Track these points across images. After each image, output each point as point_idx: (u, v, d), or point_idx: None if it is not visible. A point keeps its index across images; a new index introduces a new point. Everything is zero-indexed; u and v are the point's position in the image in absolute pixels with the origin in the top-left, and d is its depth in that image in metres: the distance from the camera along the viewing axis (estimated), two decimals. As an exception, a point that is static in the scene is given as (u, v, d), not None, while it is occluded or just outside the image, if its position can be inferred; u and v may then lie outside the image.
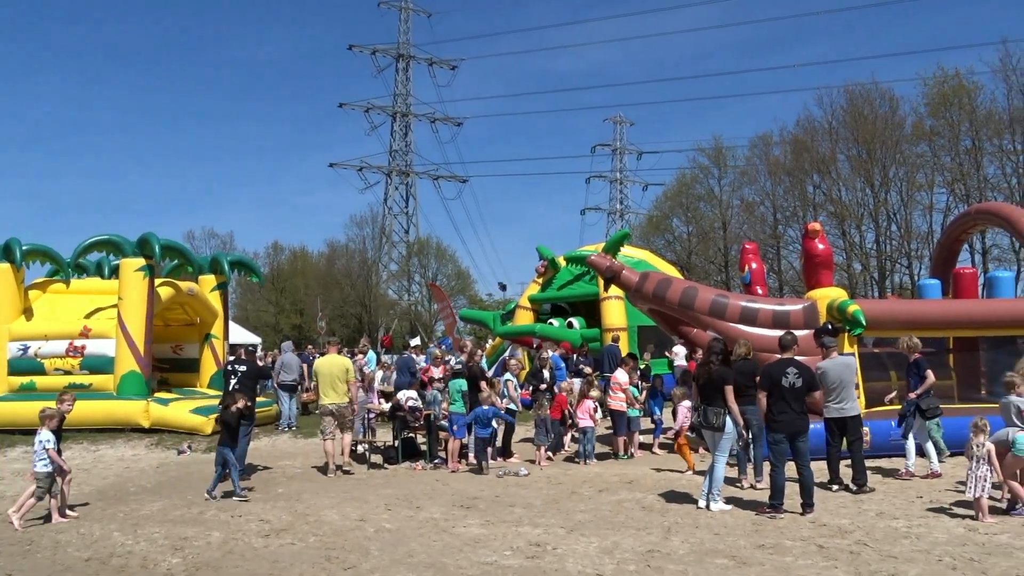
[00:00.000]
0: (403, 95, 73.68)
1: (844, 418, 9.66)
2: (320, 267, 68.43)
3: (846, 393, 9.64)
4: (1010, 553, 6.69)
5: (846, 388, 9.64)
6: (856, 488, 9.40)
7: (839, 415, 9.66)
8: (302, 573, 6.51)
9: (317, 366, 11.84)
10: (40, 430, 8.53)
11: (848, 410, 9.65)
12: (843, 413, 9.63)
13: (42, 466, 8.38)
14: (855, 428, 9.72)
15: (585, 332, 19.68)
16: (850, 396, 9.68)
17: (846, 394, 9.64)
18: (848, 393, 9.66)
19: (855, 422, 9.73)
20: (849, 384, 9.68)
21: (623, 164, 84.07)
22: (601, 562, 6.61)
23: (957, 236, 16.93)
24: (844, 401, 9.64)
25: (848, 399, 9.66)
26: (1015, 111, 39.91)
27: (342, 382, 11.36)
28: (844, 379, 9.64)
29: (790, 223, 48.63)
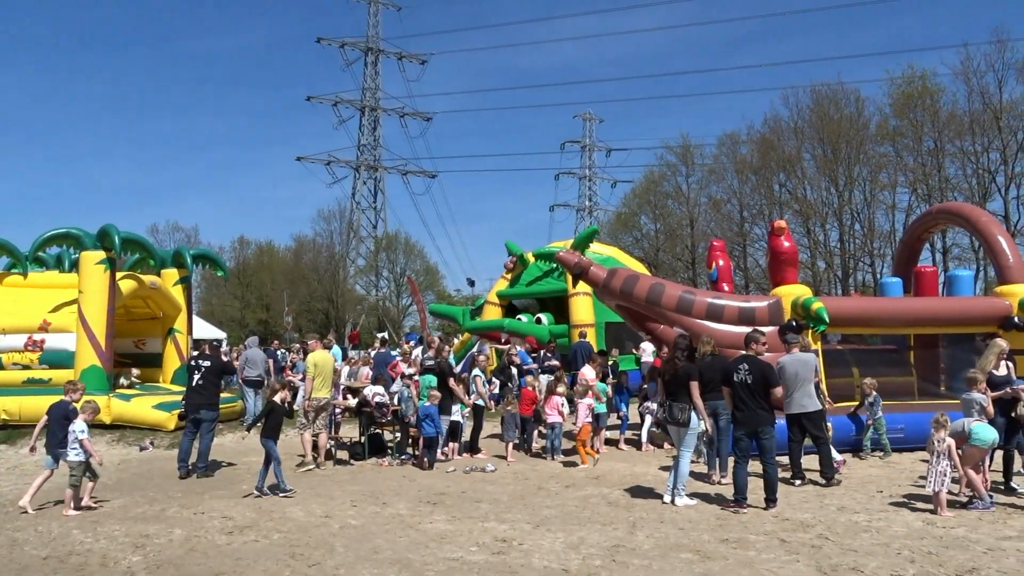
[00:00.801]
0: (372, 89, 73.25)
1: (804, 414, 9.74)
2: (287, 262, 67.77)
3: (804, 389, 9.73)
4: (967, 546, 6.82)
5: (805, 384, 9.73)
6: (825, 482, 9.52)
7: (799, 411, 9.75)
8: (266, 570, 6.44)
9: (318, 359, 11.69)
10: (75, 420, 8.80)
11: (807, 406, 9.74)
12: (802, 409, 9.72)
13: (74, 455, 8.64)
14: (816, 424, 9.82)
15: (554, 328, 19.73)
16: (808, 392, 9.76)
17: (804, 390, 9.73)
18: (807, 389, 9.75)
19: (816, 418, 9.83)
20: (808, 380, 9.76)
21: (592, 161, 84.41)
22: (567, 557, 6.63)
23: (918, 235, 17.21)
24: (803, 397, 9.73)
25: (807, 395, 9.75)
26: (975, 113, 40.66)
27: (331, 376, 11.74)
28: (802, 375, 9.73)
29: (756, 221, 49.12)
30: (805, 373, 9.77)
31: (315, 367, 11.61)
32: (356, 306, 64.84)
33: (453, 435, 12.21)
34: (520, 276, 21.28)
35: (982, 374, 8.97)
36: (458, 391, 12.03)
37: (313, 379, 11.56)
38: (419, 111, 74.30)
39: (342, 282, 64.65)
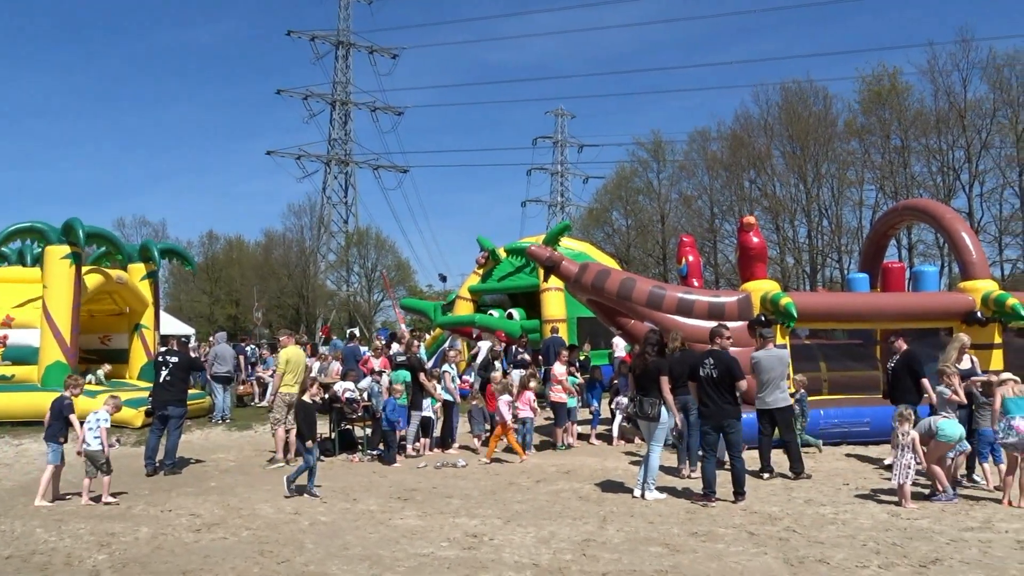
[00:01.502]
0: (343, 83, 72.66)
1: (776, 409, 9.86)
2: (257, 257, 67.12)
3: (776, 384, 9.84)
4: (930, 537, 6.93)
5: (776, 380, 9.85)
6: (794, 475, 9.63)
7: (770, 406, 9.86)
8: (234, 567, 6.38)
9: (290, 355, 11.54)
10: (98, 409, 9.03)
11: (778, 401, 9.86)
12: (774, 404, 9.84)
13: (96, 444, 8.80)
14: (785, 418, 9.93)
15: (525, 323, 19.73)
16: (781, 387, 9.89)
17: (776, 385, 9.84)
18: (779, 384, 9.87)
19: (785, 412, 9.94)
20: (781, 376, 9.89)
21: (564, 157, 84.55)
22: (538, 552, 6.64)
23: (885, 231, 17.44)
24: (775, 392, 9.84)
25: (779, 390, 9.87)
26: (941, 112, 41.30)
27: (302, 373, 11.57)
28: (776, 370, 9.85)
29: (727, 217, 49.50)
30: (780, 369, 9.89)
31: (287, 363, 11.45)
32: (327, 302, 64.43)
33: (425, 430, 12.18)
34: (492, 271, 21.26)
35: (951, 367, 9.12)
36: (429, 386, 12.00)
37: (283, 375, 11.40)
38: (390, 105, 73.88)
39: (313, 277, 64.18)
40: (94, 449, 8.81)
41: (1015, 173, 40.22)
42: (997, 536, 6.97)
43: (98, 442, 8.81)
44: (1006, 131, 39.99)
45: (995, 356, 12.25)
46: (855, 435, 11.83)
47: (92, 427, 8.85)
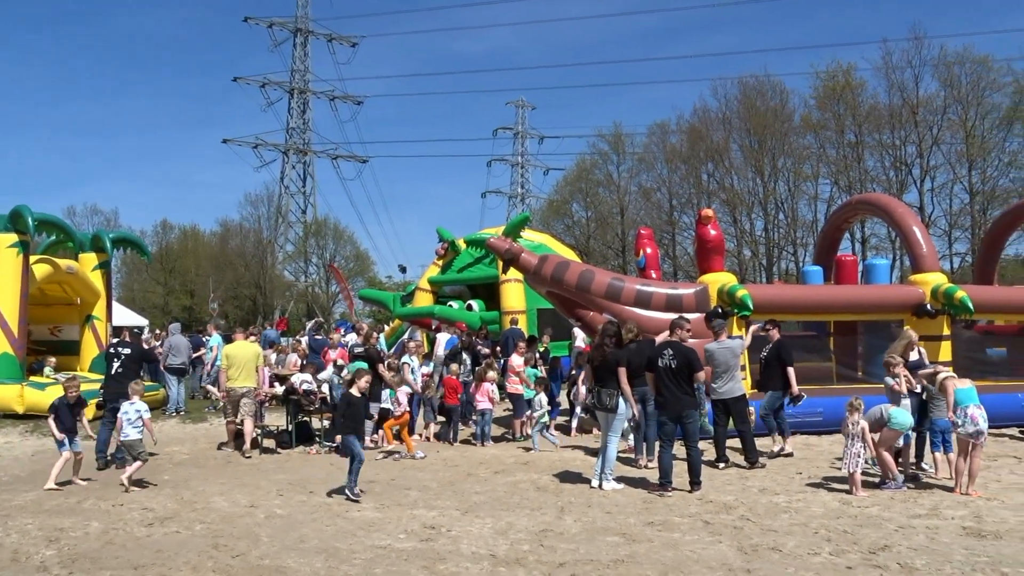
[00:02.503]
0: (301, 71, 71.75)
1: (730, 399, 9.98)
2: (212, 247, 66.09)
3: (730, 375, 9.98)
4: (879, 524, 7.09)
5: (731, 370, 9.98)
6: (749, 465, 9.77)
7: (724, 397, 9.99)
8: (187, 562, 6.29)
9: (231, 351, 11.78)
10: (134, 399, 9.37)
11: (732, 392, 9.98)
12: (728, 395, 9.97)
13: (136, 433, 9.15)
14: (740, 409, 10.07)
15: (484, 315, 19.72)
16: (734, 378, 10.02)
17: (730, 376, 9.98)
18: (733, 375, 10.00)
19: (740, 403, 10.08)
20: (734, 367, 10.02)
21: (524, 148, 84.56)
22: (495, 543, 6.65)
23: (838, 225, 17.77)
24: (729, 383, 9.97)
25: (732, 380, 10.00)
26: (894, 107, 42.10)
27: (253, 367, 11.63)
28: (729, 362, 9.98)
29: (685, 210, 49.98)
30: (732, 360, 10.01)
31: (227, 359, 11.66)
32: (285, 292, 63.71)
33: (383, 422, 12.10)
34: (451, 263, 21.20)
35: (895, 358, 9.31)
36: (388, 377, 11.94)
37: (227, 369, 11.56)
38: (350, 94, 73.17)
39: (270, 268, 63.43)
40: (133, 439, 9.16)
41: (965, 169, 41.20)
42: (944, 523, 7.15)
43: (137, 431, 9.17)
44: (956, 127, 40.92)
45: (943, 348, 12.55)
46: (808, 425, 12.03)
47: (132, 418, 9.20)
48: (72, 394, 9.55)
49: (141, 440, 9.24)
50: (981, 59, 40.64)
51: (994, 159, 41.01)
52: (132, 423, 9.22)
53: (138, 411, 9.30)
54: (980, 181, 40.98)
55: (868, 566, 5.91)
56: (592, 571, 5.87)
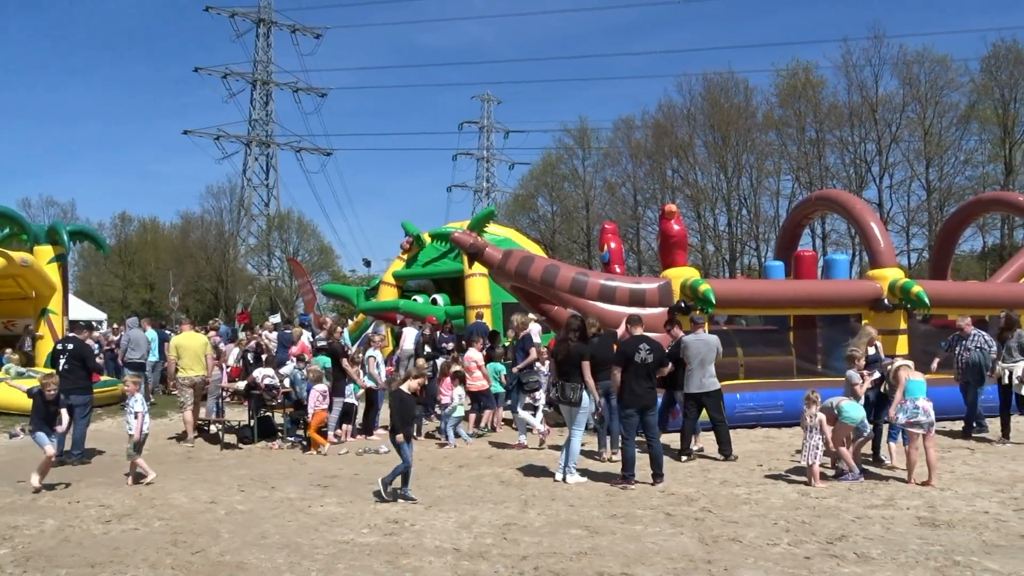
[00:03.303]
0: (264, 62, 70.88)
1: (704, 393, 10.08)
2: (173, 239, 65.10)
3: (706, 369, 10.06)
4: (837, 515, 7.21)
5: (706, 364, 10.06)
6: (723, 457, 9.88)
7: (699, 390, 10.07)
8: (145, 559, 6.20)
9: (178, 342, 12.02)
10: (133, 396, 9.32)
11: (706, 385, 10.07)
12: (702, 388, 10.05)
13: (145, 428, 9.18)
14: (715, 403, 10.17)
15: (449, 309, 19.68)
16: (710, 372, 10.11)
17: (706, 370, 10.06)
18: (708, 369, 10.09)
19: (715, 397, 10.17)
20: (709, 360, 10.10)
21: (490, 142, 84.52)
22: (459, 536, 6.65)
23: (799, 221, 18.01)
24: (704, 377, 10.06)
25: (708, 375, 10.08)
26: (854, 105, 42.75)
27: (202, 355, 11.83)
28: (704, 356, 10.06)
29: (650, 205, 50.31)
30: (707, 353, 10.08)
31: (176, 349, 11.88)
32: (247, 286, 63.00)
33: (347, 417, 12.04)
34: (416, 257, 21.12)
35: (862, 351, 9.45)
36: (351, 372, 11.87)
37: (177, 359, 11.83)
38: (313, 86, 72.46)
39: (232, 261, 62.61)
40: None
41: (922, 166, 42.00)
42: (899, 512, 7.29)
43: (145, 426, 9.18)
44: (914, 126, 41.70)
45: (900, 341, 12.79)
46: (768, 418, 12.19)
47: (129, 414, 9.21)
48: (50, 392, 9.07)
49: (129, 437, 9.10)
50: (940, 59, 41.47)
51: (951, 157, 41.88)
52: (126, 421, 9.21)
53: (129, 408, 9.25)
54: (937, 178, 41.81)
55: (825, 556, 6.01)
56: (555, 564, 5.90)
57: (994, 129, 40.71)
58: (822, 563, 5.86)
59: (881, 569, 5.71)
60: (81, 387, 10.54)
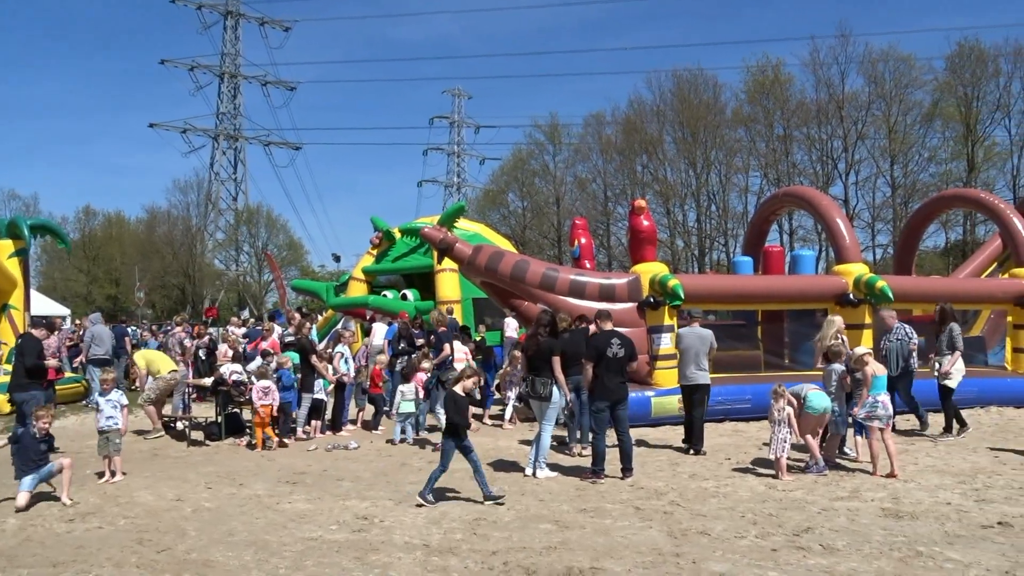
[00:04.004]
0: (232, 55, 70.17)
1: (695, 385, 10.19)
2: (139, 234, 64.28)
3: (698, 362, 10.15)
4: (803, 507, 7.30)
5: (698, 358, 10.16)
6: (693, 452, 10.00)
7: (686, 382, 10.22)
8: (110, 558, 6.11)
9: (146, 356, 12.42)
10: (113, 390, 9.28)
11: (696, 378, 10.18)
12: (690, 381, 10.19)
13: (112, 423, 9.03)
14: (701, 397, 10.27)
15: (419, 304, 19.61)
16: (701, 365, 10.19)
17: (695, 363, 10.15)
18: (700, 362, 10.17)
19: (704, 391, 10.29)
20: (702, 353, 10.19)
21: (461, 137, 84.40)
22: (428, 532, 6.63)
23: (767, 217, 18.19)
24: (692, 369, 10.17)
25: (698, 368, 10.17)
26: (821, 103, 43.26)
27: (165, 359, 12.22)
28: (698, 349, 10.16)
29: (620, 200, 50.60)
30: (700, 347, 10.17)
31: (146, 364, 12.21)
32: (215, 281, 62.34)
33: (315, 413, 11.96)
34: (386, 252, 21.02)
35: (843, 347, 9.55)
36: (320, 368, 11.79)
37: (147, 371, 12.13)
38: (283, 80, 71.92)
39: (199, 256, 61.96)
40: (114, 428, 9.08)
41: (887, 163, 42.65)
42: (864, 504, 7.40)
43: (113, 422, 9.06)
44: (880, 123, 42.33)
45: (865, 336, 12.97)
46: (737, 412, 12.31)
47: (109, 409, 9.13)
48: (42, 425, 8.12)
49: (119, 430, 9.06)
50: (904, 57, 42.13)
51: (915, 154, 42.58)
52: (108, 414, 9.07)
53: (112, 400, 9.14)
54: (902, 175, 42.49)
55: (792, 548, 6.08)
56: (524, 558, 5.90)
57: (957, 127, 41.47)
58: (788, 555, 5.92)
59: (846, 560, 5.79)
60: (21, 384, 10.34)
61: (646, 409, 11.78)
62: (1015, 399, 13.56)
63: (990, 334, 15.78)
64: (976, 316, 16.57)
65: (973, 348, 15.66)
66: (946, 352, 11.13)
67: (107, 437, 8.98)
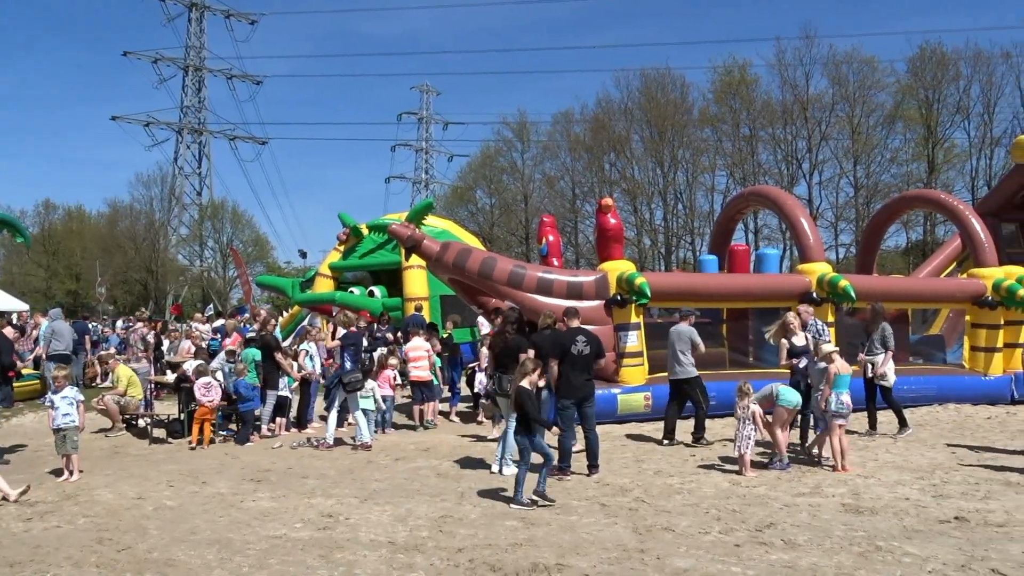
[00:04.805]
0: (196, 47, 69.10)
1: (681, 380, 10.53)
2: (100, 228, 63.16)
3: (678, 357, 10.49)
4: (766, 503, 7.39)
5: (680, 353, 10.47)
6: (667, 443, 10.32)
7: (672, 376, 10.61)
8: (69, 557, 6.01)
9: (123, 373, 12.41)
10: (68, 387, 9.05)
11: (679, 373, 10.54)
12: (674, 375, 10.57)
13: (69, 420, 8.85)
14: (692, 389, 10.58)
15: (387, 301, 19.54)
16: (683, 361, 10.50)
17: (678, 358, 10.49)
18: (680, 358, 10.49)
19: (692, 384, 10.57)
20: (683, 351, 10.49)
21: (429, 133, 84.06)
22: (394, 530, 6.61)
23: (732, 216, 18.35)
24: (677, 364, 10.50)
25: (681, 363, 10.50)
26: (786, 103, 43.78)
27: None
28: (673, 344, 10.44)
29: (588, 198, 50.76)
30: (677, 343, 10.51)
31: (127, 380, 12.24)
32: (178, 277, 61.47)
33: (280, 410, 11.86)
34: (354, 248, 20.90)
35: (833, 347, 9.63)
36: (285, 365, 11.69)
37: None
38: (248, 73, 70.94)
39: (162, 251, 61.01)
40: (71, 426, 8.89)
41: (851, 164, 43.28)
42: (825, 500, 7.51)
43: (70, 419, 8.86)
44: (843, 124, 42.95)
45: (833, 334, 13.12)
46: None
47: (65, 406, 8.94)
48: None
49: (77, 428, 8.89)
50: (868, 59, 42.79)
51: (878, 155, 43.28)
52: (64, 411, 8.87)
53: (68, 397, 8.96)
54: (865, 176, 43.15)
55: (755, 543, 6.15)
56: (490, 555, 5.91)
57: (918, 129, 42.20)
58: (751, 550, 5.99)
59: (807, 555, 5.87)
60: None
61: (612, 406, 11.84)
62: (972, 396, 13.83)
63: (949, 333, 16.07)
64: (935, 315, 16.89)
65: (932, 346, 15.98)
66: (877, 351, 11.21)
67: (64, 435, 8.81)
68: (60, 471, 8.90)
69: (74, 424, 8.88)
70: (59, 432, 8.84)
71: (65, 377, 9.26)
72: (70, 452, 8.82)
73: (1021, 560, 5.72)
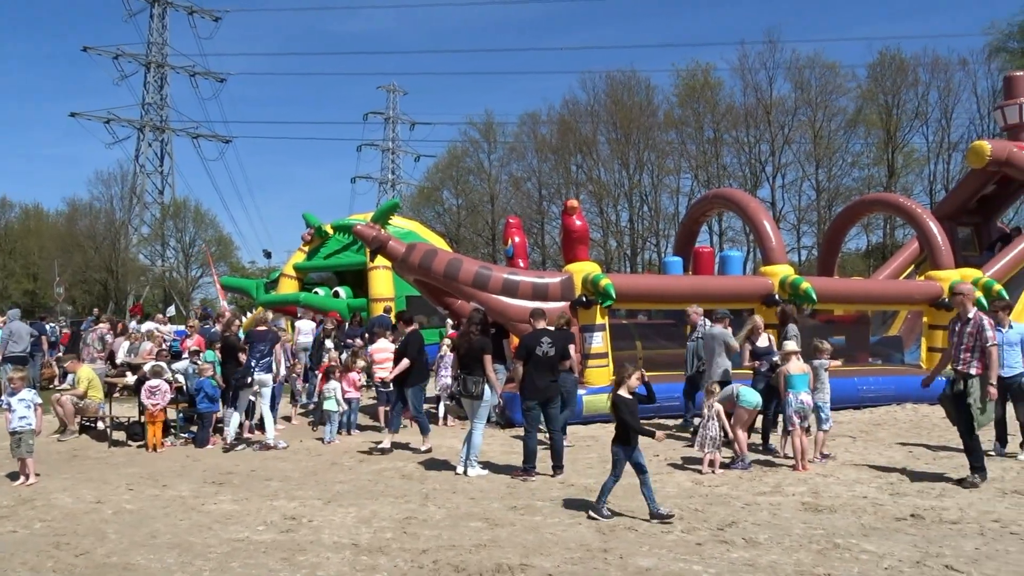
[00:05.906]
0: (159, 44, 68.06)
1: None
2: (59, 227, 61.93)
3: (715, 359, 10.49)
4: (728, 502, 7.48)
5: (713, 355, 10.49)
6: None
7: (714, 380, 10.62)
8: (24, 562, 5.90)
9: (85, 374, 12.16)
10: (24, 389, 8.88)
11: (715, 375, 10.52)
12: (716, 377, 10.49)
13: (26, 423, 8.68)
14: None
15: (352, 302, 19.44)
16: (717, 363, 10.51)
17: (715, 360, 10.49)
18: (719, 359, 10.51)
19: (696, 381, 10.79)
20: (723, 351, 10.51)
21: (395, 134, 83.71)
22: (358, 532, 6.58)
23: (697, 218, 18.55)
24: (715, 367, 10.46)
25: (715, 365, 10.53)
26: (749, 107, 44.29)
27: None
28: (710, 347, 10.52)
29: (554, 200, 50.88)
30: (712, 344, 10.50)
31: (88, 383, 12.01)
32: (139, 277, 60.51)
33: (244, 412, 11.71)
34: (319, 249, 20.76)
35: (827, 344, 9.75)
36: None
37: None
38: (212, 71, 70.08)
39: (123, 251, 59.97)
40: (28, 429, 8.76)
41: (812, 167, 43.90)
42: (785, 499, 7.62)
43: (27, 422, 8.74)
44: (805, 128, 43.54)
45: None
46: (667, 409, 12.49)
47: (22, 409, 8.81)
48: None
49: (33, 431, 8.74)
50: (830, 65, 43.44)
51: (839, 159, 43.94)
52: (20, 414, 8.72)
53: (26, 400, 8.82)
54: (826, 179, 43.78)
55: (716, 542, 6.23)
56: (455, 556, 5.91)
57: (879, 133, 42.92)
58: (713, 549, 6.06)
59: (767, 553, 5.95)
60: None
61: (578, 407, 11.87)
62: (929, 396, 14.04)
63: (907, 334, 16.41)
64: (894, 316, 17.22)
65: (891, 347, 16.30)
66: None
67: (20, 438, 8.64)
68: (16, 475, 8.72)
69: (30, 427, 8.71)
70: (15, 435, 8.66)
71: (22, 379, 9.06)
72: (25, 456, 8.65)
73: (974, 556, 5.87)
